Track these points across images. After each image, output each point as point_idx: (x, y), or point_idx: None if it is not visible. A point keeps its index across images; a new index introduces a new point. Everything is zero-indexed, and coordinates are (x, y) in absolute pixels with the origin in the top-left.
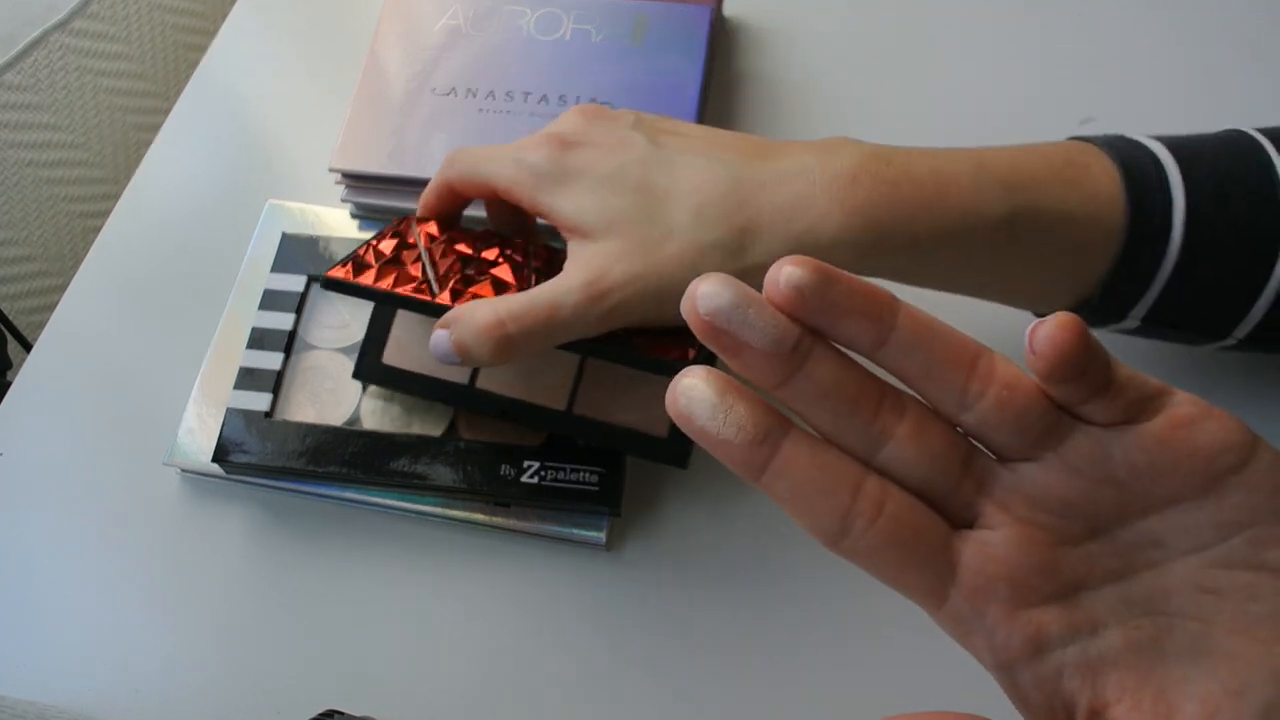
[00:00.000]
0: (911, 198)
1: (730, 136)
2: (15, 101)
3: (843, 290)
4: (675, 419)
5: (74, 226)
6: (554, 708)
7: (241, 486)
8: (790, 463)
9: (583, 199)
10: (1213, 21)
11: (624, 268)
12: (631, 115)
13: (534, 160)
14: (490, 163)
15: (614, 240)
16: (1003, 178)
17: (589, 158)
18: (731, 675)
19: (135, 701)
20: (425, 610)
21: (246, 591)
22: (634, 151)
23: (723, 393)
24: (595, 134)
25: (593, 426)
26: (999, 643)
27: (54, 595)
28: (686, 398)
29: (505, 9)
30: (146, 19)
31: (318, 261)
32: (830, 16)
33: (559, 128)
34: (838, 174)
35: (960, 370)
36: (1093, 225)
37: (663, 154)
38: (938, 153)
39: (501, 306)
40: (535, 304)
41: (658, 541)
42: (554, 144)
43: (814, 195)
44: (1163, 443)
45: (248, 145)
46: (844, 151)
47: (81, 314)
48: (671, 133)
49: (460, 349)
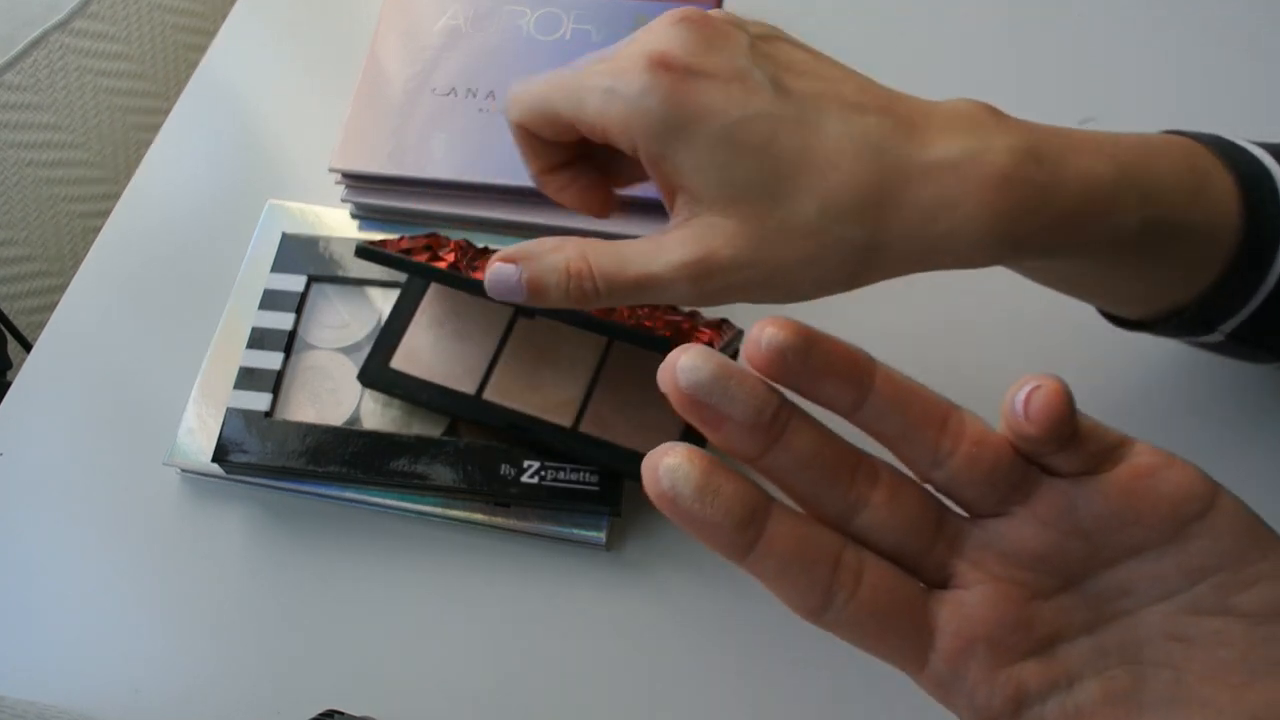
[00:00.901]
0: (1059, 207)
1: (868, 86)
2: (15, 101)
3: (823, 353)
4: (656, 499)
5: (74, 226)
6: (554, 707)
7: (241, 486)
8: (774, 542)
9: (701, 157)
10: (1213, 21)
11: (734, 253)
12: (742, 35)
13: (636, 93)
14: (569, 93)
15: (729, 219)
16: (1139, 185)
17: (709, 98)
18: (731, 675)
19: (135, 701)
20: (425, 610)
21: (246, 591)
22: (760, 99)
23: (708, 473)
24: (711, 62)
25: (597, 446)
26: (980, 703)
27: (54, 595)
28: (670, 479)
29: (505, 9)
30: (146, 19)
31: (318, 262)
32: (829, 17)
33: (657, 43)
34: (990, 173)
35: (932, 429)
36: (1210, 239)
37: (796, 108)
38: (1078, 145)
39: (592, 256)
40: (627, 267)
41: (658, 541)
42: (659, 70)
43: (963, 195)
44: (1126, 492)
45: (248, 145)
46: (995, 140)
47: (82, 314)
48: (800, 72)
49: (535, 287)
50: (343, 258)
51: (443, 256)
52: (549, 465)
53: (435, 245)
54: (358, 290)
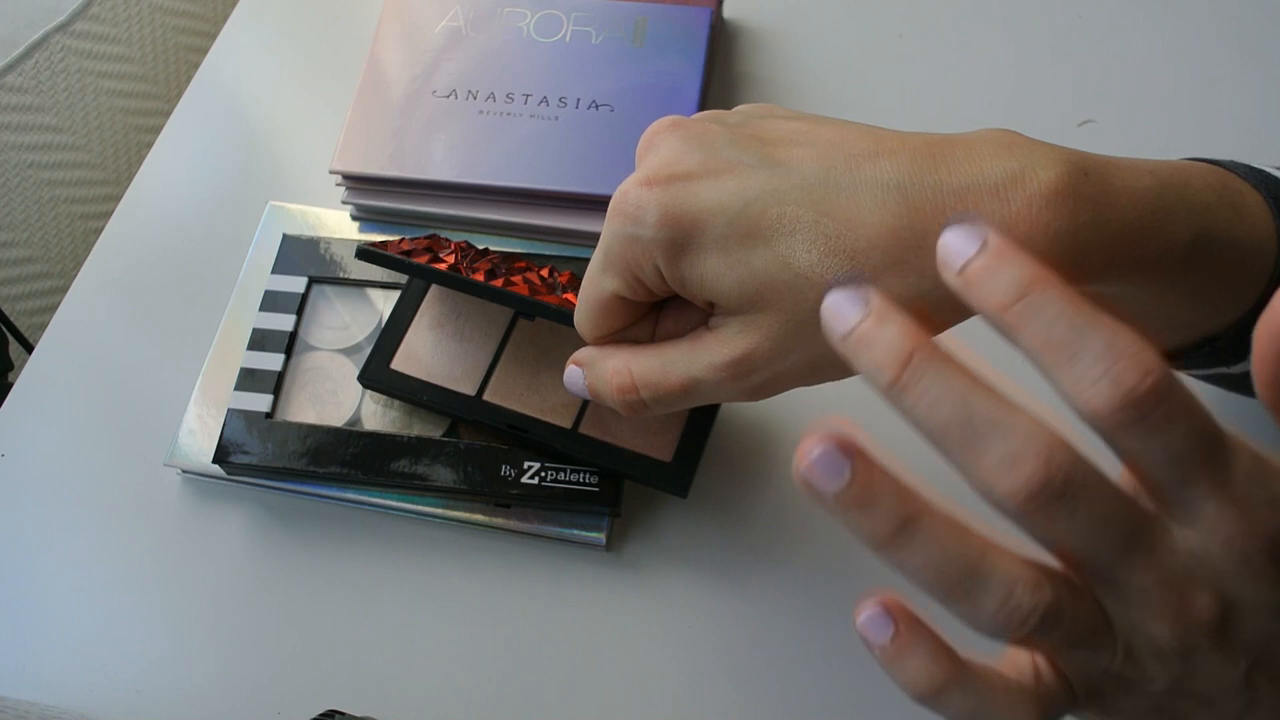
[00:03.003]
0: (1114, 222)
1: (873, 132)
2: (17, 103)
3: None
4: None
5: (75, 228)
6: (554, 708)
7: (242, 487)
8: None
9: (716, 264)
10: (1212, 22)
11: (774, 345)
12: (718, 127)
13: (634, 226)
14: (608, 269)
15: (762, 312)
16: (1184, 200)
17: (704, 199)
18: (731, 675)
19: (135, 701)
20: (425, 610)
21: (247, 592)
22: (756, 180)
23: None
24: (694, 161)
25: (597, 447)
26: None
27: (54, 595)
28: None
29: (505, 11)
30: (148, 21)
31: (318, 263)
32: (830, 18)
33: (643, 170)
34: (1039, 191)
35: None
36: (1255, 255)
37: (798, 175)
38: (1115, 161)
39: (635, 366)
40: (670, 373)
41: (657, 541)
42: (645, 190)
43: (1012, 217)
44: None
45: (249, 147)
46: (1035, 157)
47: (83, 315)
48: (792, 141)
49: (595, 394)
50: (343, 259)
51: (443, 258)
52: (549, 466)
53: (436, 247)
54: (358, 292)
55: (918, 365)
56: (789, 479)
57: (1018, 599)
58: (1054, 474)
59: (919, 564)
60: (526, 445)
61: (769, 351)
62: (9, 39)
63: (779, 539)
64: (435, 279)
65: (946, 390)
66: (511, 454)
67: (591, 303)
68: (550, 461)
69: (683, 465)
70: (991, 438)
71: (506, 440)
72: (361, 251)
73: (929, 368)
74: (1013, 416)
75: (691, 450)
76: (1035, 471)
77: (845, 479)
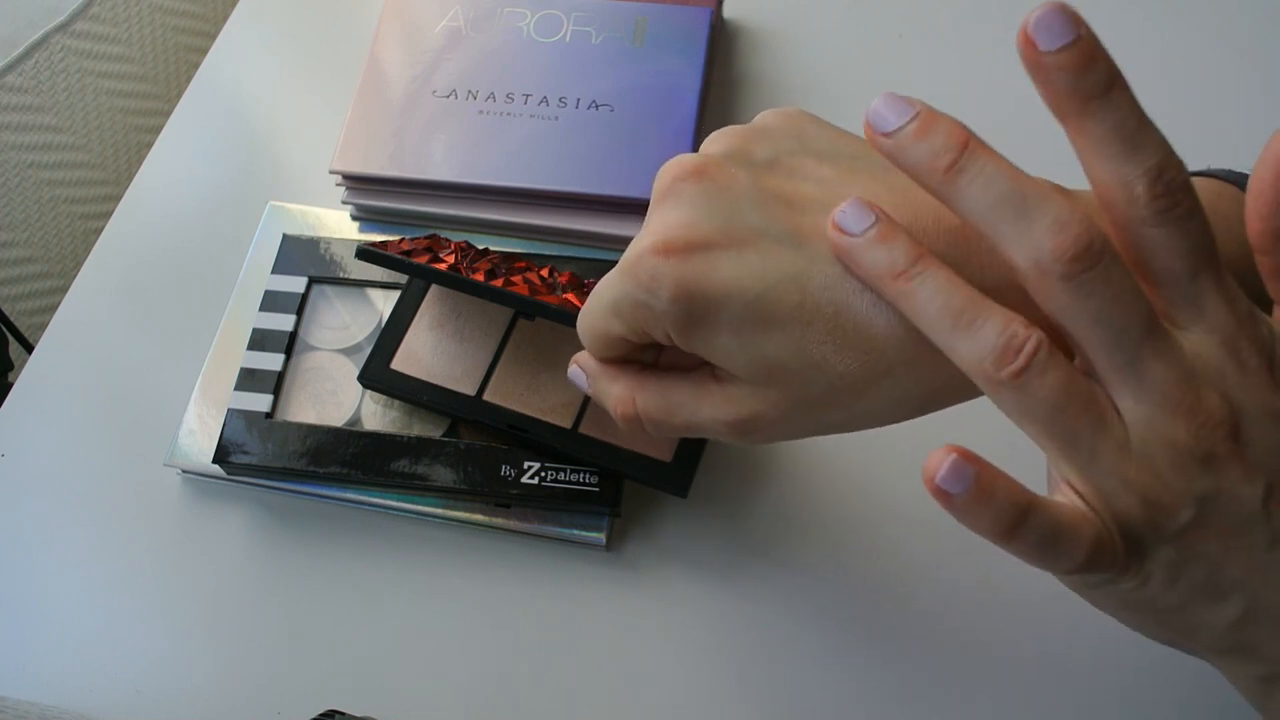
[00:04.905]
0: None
1: (899, 199)
2: (17, 103)
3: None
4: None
5: (75, 228)
6: (554, 707)
7: (242, 487)
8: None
9: (730, 343)
10: (1211, 23)
11: (779, 416)
12: (742, 175)
13: (647, 296)
14: (617, 317)
15: (771, 390)
16: (1221, 221)
17: (723, 276)
18: (731, 675)
19: (135, 701)
20: (425, 610)
21: (247, 592)
22: (779, 260)
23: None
24: (713, 228)
25: (597, 447)
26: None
27: (54, 595)
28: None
29: (505, 11)
30: (148, 21)
31: (318, 263)
32: (830, 18)
33: (658, 228)
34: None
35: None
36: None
37: (818, 261)
38: None
39: (640, 399)
40: (674, 415)
41: (657, 541)
42: (661, 259)
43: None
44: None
45: (249, 147)
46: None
47: (83, 315)
48: (820, 202)
49: (596, 402)
50: (343, 259)
51: (443, 258)
52: (549, 466)
53: (436, 247)
54: (358, 292)
55: (974, 149)
56: (789, 479)
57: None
58: (1095, 238)
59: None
60: (526, 445)
61: (773, 420)
62: (9, 39)
63: (779, 539)
64: (435, 279)
65: (1000, 169)
66: (511, 454)
67: (597, 335)
68: (550, 461)
69: (683, 465)
70: (1043, 206)
71: (506, 440)
72: (361, 251)
73: (981, 151)
74: (1055, 192)
75: (691, 450)
76: (1082, 234)
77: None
